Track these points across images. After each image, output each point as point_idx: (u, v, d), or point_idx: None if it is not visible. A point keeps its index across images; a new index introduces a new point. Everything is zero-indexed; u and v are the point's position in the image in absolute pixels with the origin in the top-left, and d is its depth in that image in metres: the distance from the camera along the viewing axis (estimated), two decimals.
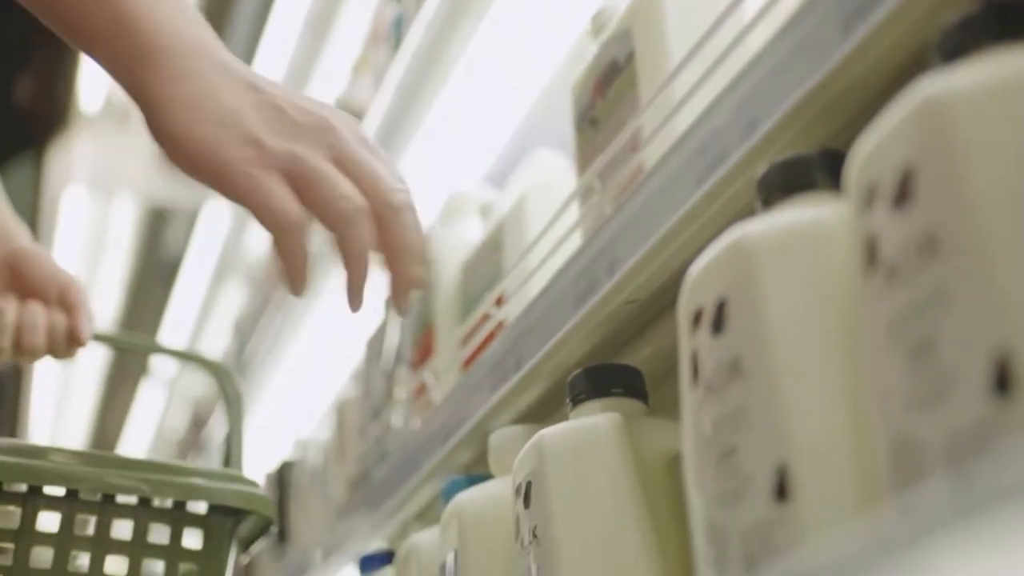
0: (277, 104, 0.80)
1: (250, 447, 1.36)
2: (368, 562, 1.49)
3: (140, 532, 1.02)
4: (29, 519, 1.00)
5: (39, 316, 1.18)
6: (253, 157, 0.78)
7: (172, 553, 1.03)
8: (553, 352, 1.06)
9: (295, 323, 2.63)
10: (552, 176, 1.32)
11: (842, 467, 0.57)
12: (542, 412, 1.21)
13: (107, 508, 1.02)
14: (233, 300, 3.49)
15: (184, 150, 0.79)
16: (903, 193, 0.53)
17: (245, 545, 1.12)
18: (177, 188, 4.41)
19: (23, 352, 1.18)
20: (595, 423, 0.87)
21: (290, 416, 2.86)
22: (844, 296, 0.60)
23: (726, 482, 0.62)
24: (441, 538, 1.07)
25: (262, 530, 1.11)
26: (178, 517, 1.04)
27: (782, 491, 0.57)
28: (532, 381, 1.13)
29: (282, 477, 2.40)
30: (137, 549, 1.02)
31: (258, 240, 3.22)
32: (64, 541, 1.01)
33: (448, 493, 1.14)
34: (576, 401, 0.93)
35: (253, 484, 1.07)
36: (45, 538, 1.00)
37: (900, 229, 0.53)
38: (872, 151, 0.57)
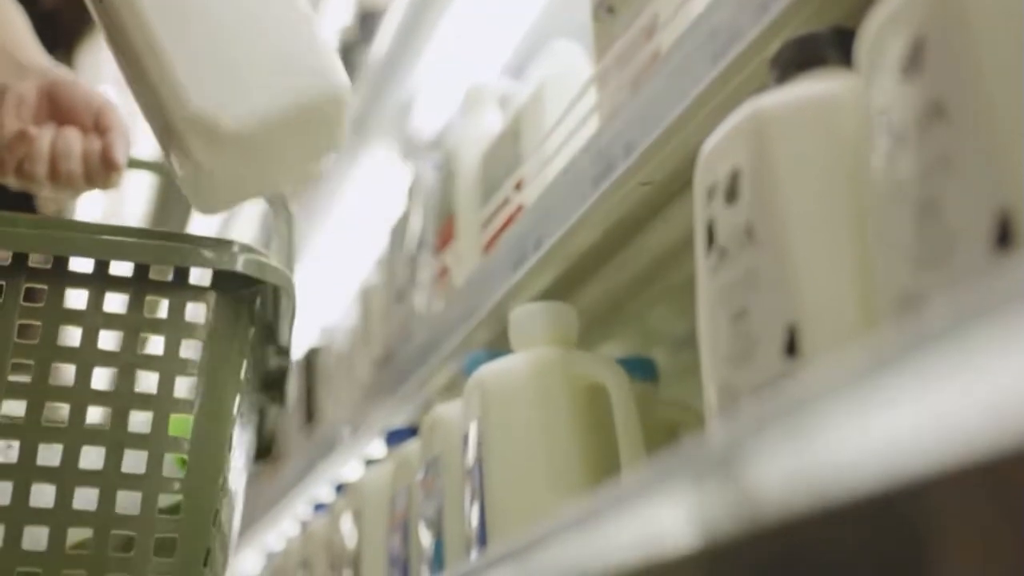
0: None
1: None
2: (394, 436, 1.52)
3: (136, 306, 0.96)
4: (11, 296, 0.94)
5: (74, 141, 1.10)
6: None
7: (173, 327, 0.97)
8: (571, 232, 1.07)
9: (320, 215, 2.64)
10: (570, 66, 1.31)
11: (849, 324, 0.58)
12: (561, 292, 1.22)
13: (102, 281, 0.96)
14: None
15: None
16: (912, 61, 0.53)
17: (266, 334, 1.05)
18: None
19: (59, 181, 1.10)
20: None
21: (316, 305, 2.88)
22: (854, 164, 0.60)
23: (738, 342, 0.63)
24: (464, 409, 1.09)
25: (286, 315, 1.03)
26: (180, 290, 0.97)
27: (792, 348, 0.59)
28: (551, 261, 1.14)
29: (309, 363, 2.44)
30: (134, 323, 0.96)
31: None
32: (53, 316, 0.95)
33: (470, 367, 1.16)
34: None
35: (261, 254, 1.01)
36: (29, 312, 0.95)
37: (908, 97, 0.53)
38: (882, 23, 0.57)
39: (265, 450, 1.37)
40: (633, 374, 1.06)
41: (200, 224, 4.13)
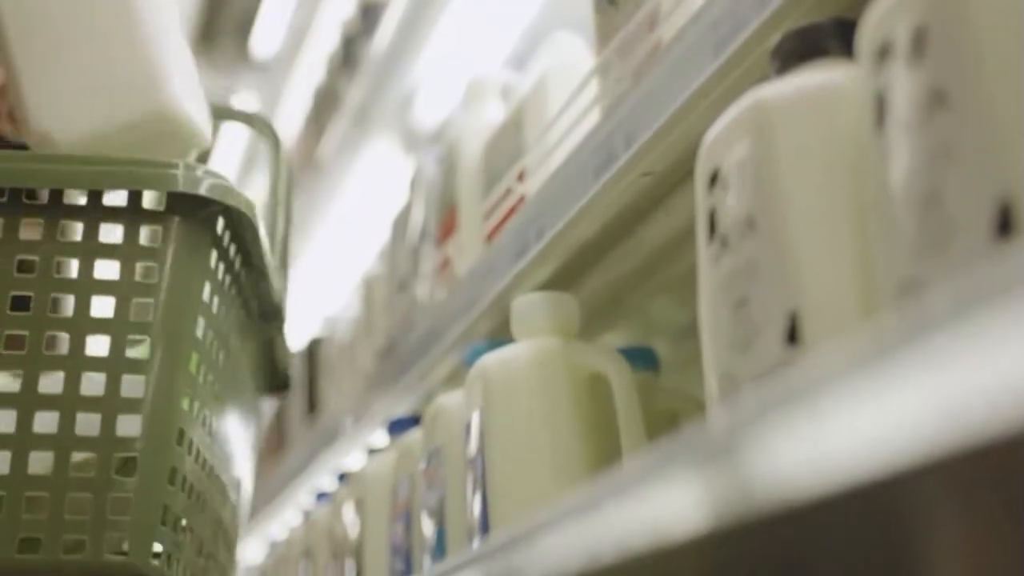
0: None
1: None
2: (396, 425, 1.52)
3: (91, 233, 0.96)
4: None
5: None
6: None
7: (128, 253, 0.97)
8: (573, 223, 1.07)
9: (322, 207, 2.64)
10: (572, 57, 1.31)
11: (849, 313, 0.58)
12: (562, 282, 1.23)
13: (56, 210, 0.97)
14: (261, 187, 3.50)
15: None
16: (914, 51, 0.53)
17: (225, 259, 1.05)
18: (206, 79, 4.38)
19: None
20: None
21: (318, 296, 2.88)
22: (854, 153, 0.60)
23: (739, 330, 0.63)
24: (466, 398, 1.09)
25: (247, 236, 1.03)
26: (135, 214, 0.97)
27: (793, 336, 0.59)
28: (552, 252, 1.15)
29: (312, 353, 2.44)
30: (89, 249, 0.96)
31: (285, 129, 3.22)
32: (8, 248, 0.96)
33: (471, 358, 1.16)
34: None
35: (220, 177, 1.01)
36: None
37: (909, 86, 0.54)
38: (884, 13, 0.57)
39: (281, 382, 1.38)
40: (634, 364, 1.06)
41: None
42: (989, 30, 0.50)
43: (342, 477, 1.81)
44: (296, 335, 2.66)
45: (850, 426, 0.38)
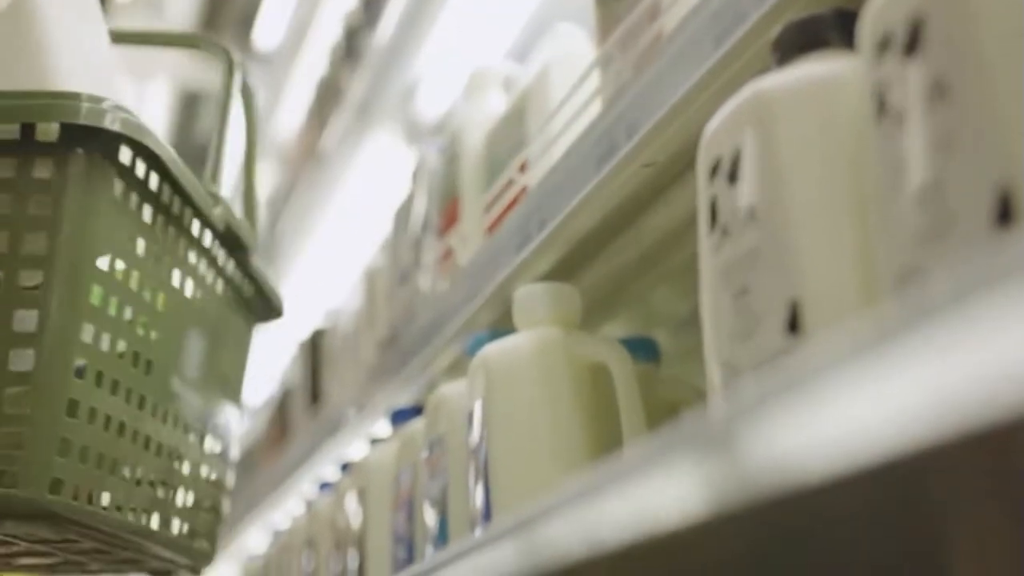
0: None
1: (283, 319, 1.40)
2: (399, 415, 1.53)
3: None
4: None
5: None
6: None
7: (22, 186, 0.95)
8: (574, 213, 1.07)
9: (324, 200, 2.64)
10: (573, 49, 1.31)
11: (850, 301, 0.58)
12: (564, 273, 1.23)
13: None
14: (264, 180, 3.50)
15: None
16: (913, 42, 0.53)
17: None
18: (209, 73, 4.39)
19: None
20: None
21: (321, 288, 2.89)
22: (854, 144, 0.60)
23: (740, 319, 0.63)
24: (468, 388, 1.09)
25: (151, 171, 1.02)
26: (28, 147, 0.95)
27: (793, 325, 0.59)
28: (554, 242, 1.15)
29: (314, 344, 2.44)
30: None
31: (287, 121, 3.21)
32: None
33: (473, 348, 1.16)
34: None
35: (128, 112, 0.99)
36: None
37: (909, 77, 0.54)
38: (885, 4, 0.57)
39: (273, 309, 1.38)
40: (635, 354, 1.06)
41: None
42: (989, 21, 0.50)
43: (345, 467, 1.81)
44: (298, 328, 2.67)
45: (849, 412, 0.38)
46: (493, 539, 0.77)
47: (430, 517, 1.20)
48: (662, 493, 0.52)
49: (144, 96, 5.08)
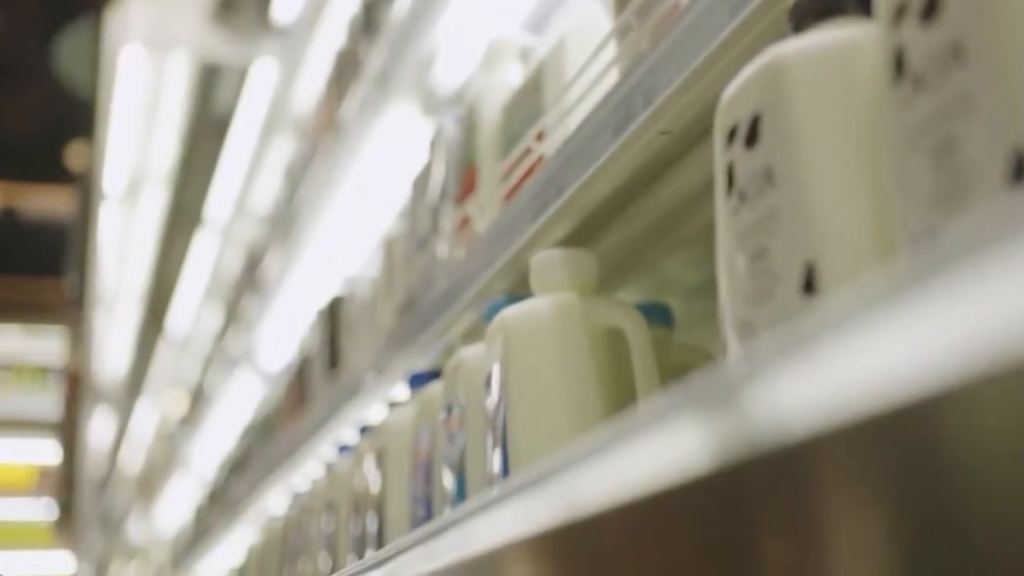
0: None
1: (302, 287, 1.40)
2: (417, 379, 1.53)
3: None
4: None
5: None
6: None
7: None
8: (591, 180, 1.08)
9: (342, 169, 2.64)
10: (590, 20, 1.31)
11: (865, 262, 0.58)
12: (579, 240, 1.23)
13: None
14: (283, 150, 3.50)
15: None
16: (932, 6, 0.53)
17: None
18: (229, 46, 4.38)
19: None
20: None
21: (339, 257, 2.89)
22: (870, 109, 0.60)
23: (757, 281, 0.63)
24: (487, 351, 1.10)
25: None
26: None
27: (809, 285, 0.59)
28: (570, 210, 1.15)
29: (333, 312, 2.45)
30: None
31: (306, 93, 3.21)
32: None
33: (491, 312, 1.16)
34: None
35: None
36: None
37: (927, 41, 0.54)
38: None
39: None
40: (650, 319, 1.06)
41: None
42: None
43: (363, 430, 1.82)
44: (317, 296, 2.67)
45: (857, 362, 0.38)
46: (510, 494, 0.78)
47: (448, 479, 1.21)
48: (677, 445, 0.52)
49: (163, 67, 5.08)
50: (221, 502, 3.81)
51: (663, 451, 0.53)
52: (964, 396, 0.33)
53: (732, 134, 0.67)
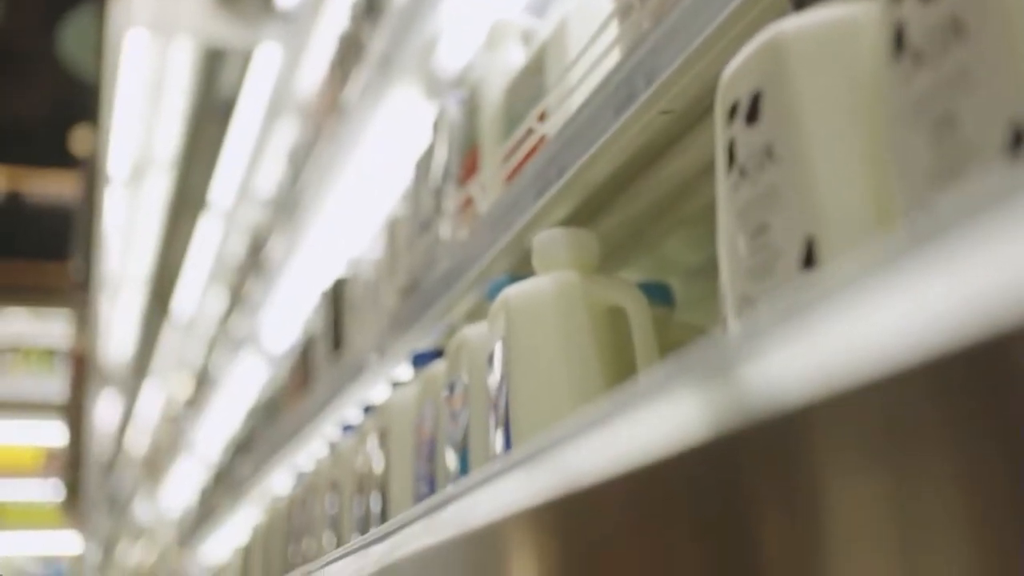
0: None
1: (306, 269, 1.40)
2: (420, 359, 1.53)
3: None
4: None
5: None
6: None
7: None
8: (593, 160, 1.07)
9: (346, 153, 2.63)
10: (590, 3, 1.30)
11: (865, 237, 0.58)
12: (581, 220, 1.23)
13: None
14: (286, 134, 3.50)
15: None
16: None
17: None
18: (232, 30, 4.37)
19: None
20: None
21: (343, 238, 2.89)
22: (870, 85, 0.60)
23: (757, 256, 0.63)
24: (489, 329, 1.10)
25: None
26: None
27: (810, 260, 0.59)
28: (572, 190, 1.15)
29: (337, 293, 2.45)
30: None
31: (309, 76, 3.20)
32: None
33: (493, 292, 1.17)
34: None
35: None
36: None
37: (927, 16, 0.53)
38: None
39: None
40: (650, 298, 1.06)
41: None
42: None
43: (367, 409, 1.82)
44: (321, 277, 2.67)
45: (853, 330, 0.38)
46: (511, 467, 0.78)
47: (451, 457, 1.21)
48: (672, 417, 0.52)
49: (167, 51, 5.07)
50: (226, 482, 3.82)
51: (661, 422, 0.53)
52: (960, 363, 0.33)
53: (733, 111, 0.67)
